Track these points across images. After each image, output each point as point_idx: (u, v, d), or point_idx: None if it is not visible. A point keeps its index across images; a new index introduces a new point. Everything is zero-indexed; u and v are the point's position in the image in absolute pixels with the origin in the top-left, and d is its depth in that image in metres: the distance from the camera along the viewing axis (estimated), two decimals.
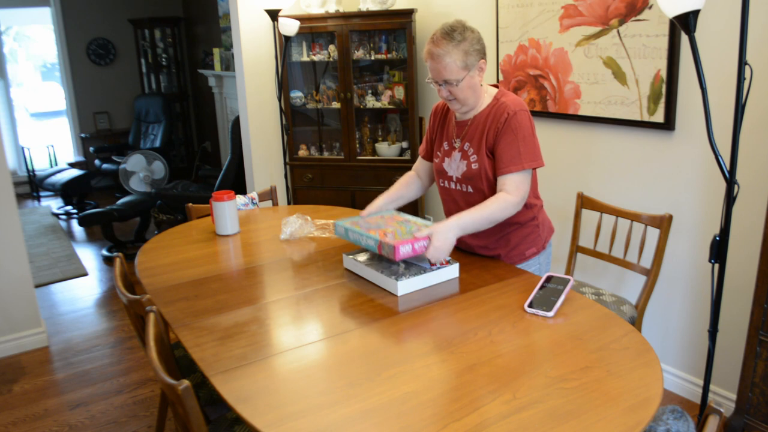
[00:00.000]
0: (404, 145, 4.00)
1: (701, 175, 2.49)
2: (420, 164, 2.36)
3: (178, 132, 7.57)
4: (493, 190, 2.04)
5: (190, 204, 2.85)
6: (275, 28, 3.78)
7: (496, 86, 2.12)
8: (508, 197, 1.93)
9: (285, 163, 4.03)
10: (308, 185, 4.11)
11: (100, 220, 4.77)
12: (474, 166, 2.05)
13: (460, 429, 1.21)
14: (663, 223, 2.31)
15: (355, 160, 3.97)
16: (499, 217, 1.95)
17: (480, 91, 2.03)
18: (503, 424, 1.22)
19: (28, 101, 8.97)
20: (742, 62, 1.81)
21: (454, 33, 1.91)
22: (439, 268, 1.94)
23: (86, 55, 7.26)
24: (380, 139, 4.07)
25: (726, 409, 2.47)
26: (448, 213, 2.24)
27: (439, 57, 1.92)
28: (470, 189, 2.10)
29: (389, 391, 1.35)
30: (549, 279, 1.81)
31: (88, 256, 4.97)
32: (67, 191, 6.14)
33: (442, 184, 2.21)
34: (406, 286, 1.86)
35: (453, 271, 1.97)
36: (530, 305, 1.71)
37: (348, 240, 2.07)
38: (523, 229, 2.11)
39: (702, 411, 2.24)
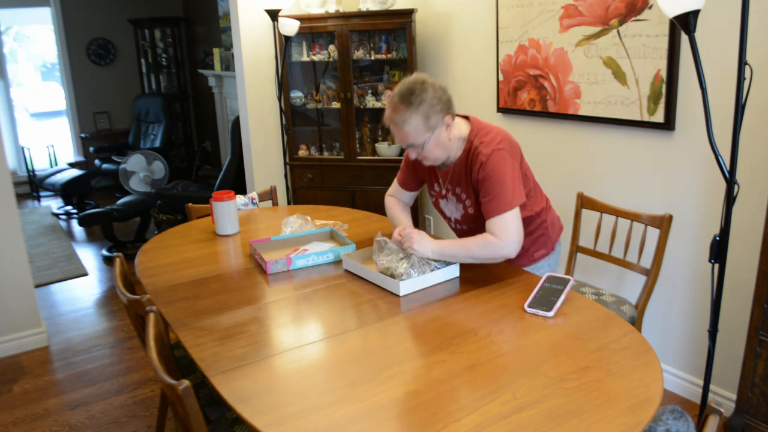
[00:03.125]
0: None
1: (701, 175, 2.49)
2: (399, 191, 2.28)
3: (178, 132, 7.57)
4: None
5: (190, 204, 2.85)
6: (275, 28, 3.78)
7: (466, 117, 2.02)
8: (491, 237, 1.88)
9: (285, 163, 4.03)
10: (308, 185, 4.11)
11: (100, 220, 4.77)
12: (470, 210, 2.04)
13: (460, 429, 1.21)
14: (663, 223, 2.31)
15: (355, 160, 3.97)
16: (479, 255, 1.89)
17: (450, 145, 1.94)
18: (503, 424, 1.22)
19: (28, 101, 8.97)
20: (742, 62, 1.81)
21: (411, 97, 1.82)
22: (438, 267, 1.94)
23: (86, 55, 7.26)
24: (380, 139, 4.07)
25: (726, 409, 2.47)
26: None
27: (399, 125, 1.86)
28: (466, 227, 2.11)
29: (389, 391, 1.35)
30: (549, 279, 1.81)
31: (88, 256, 4.97)
32: (67, 191, 6.13)
33: (445, 221, 2.22)
34: (408, 286, 1.86)
35: (453, 270, 1.97)
36: (530, 305, 1.71)
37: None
38: (532, 235, 2.11)
39: (702, 411, 2.24)
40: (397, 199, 2.30)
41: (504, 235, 1.86)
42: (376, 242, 2.01)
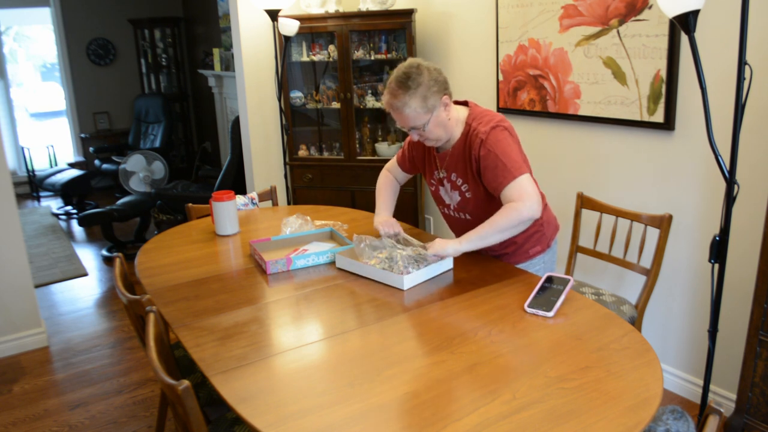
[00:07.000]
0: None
1: (701, 175, 2.49)
2: (396, 170, 2.36)
3: (178, 132, 7.57)
4: (490, 216, 1.99)
5: (190, 204, 2.85)
6: (275, 28, 3.78)
7: (465, 103, 2.07)
8: (513, 203, 1.89)
9: (285, 163, 4.03)
10: (308, 185, 4.11)
11: (100, 220, 4.77)
12: (468, 194, 2.05)
13: (460, 429, 1.21)
14: (663, 223, 2.31)
15: (355, 160, 3.97)
16: (507, 224, 1.89)
17: (450, 125, 1.99)
18: (503, 424, 1.22)
19: (28, 101, 8.97)
20: (742, 62, 1.81)
21: (408, 81, 1.87)
22: (431, 262, 1.98)
23: (86, 55, 7.26)
24: (380, 139, 4.07)
25: (726, 409, 2.47)
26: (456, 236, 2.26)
27: (398, 109, 1.91)
28: (468, 216, 2.11)
29: (389, 391, 1.35)
30: (549, 279, 1.81)
31: (88, 256, 4.96)
32: (67, 191, 6.13)
33: (442, 211, 2.23)
34: (412, 279, 1.89)
35: (448, 262, 2.02)
36: (530, 305, 1.71)
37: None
38: (526, 231, 2.11)
39: (702, 411, 2.24)
40: (392, 175, 2.37)
41: (523, 196, 1.86)
42: (359, 245, 2.05)
